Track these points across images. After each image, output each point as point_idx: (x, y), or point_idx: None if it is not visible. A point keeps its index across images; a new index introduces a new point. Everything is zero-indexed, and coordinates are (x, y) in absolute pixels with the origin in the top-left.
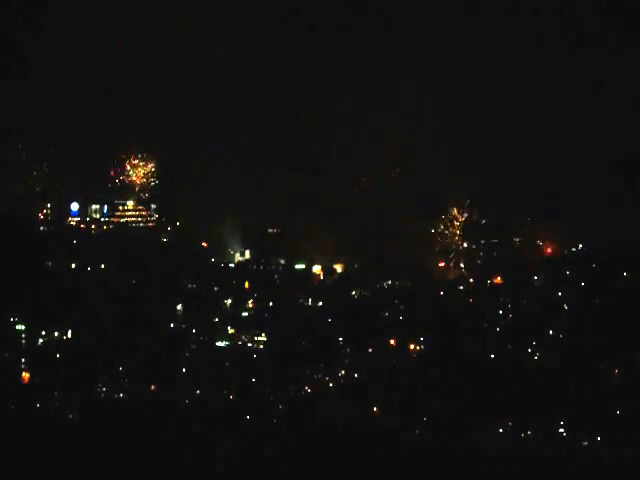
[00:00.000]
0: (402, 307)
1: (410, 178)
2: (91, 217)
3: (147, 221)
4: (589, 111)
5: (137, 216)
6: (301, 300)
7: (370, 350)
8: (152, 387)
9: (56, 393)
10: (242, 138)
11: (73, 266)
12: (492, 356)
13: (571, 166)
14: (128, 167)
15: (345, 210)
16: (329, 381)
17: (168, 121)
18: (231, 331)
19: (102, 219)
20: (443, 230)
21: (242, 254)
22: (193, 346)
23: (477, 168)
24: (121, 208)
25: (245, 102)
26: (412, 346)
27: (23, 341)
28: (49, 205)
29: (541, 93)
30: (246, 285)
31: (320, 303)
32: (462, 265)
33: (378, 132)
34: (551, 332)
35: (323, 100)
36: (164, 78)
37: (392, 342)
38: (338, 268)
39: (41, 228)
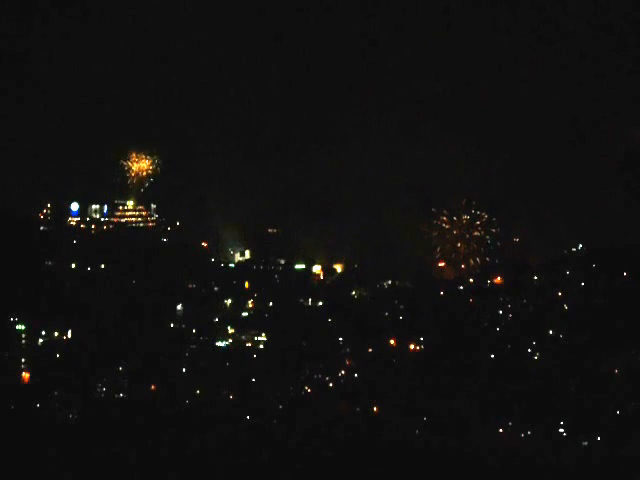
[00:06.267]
0: (402, 307)
1: (410, 178)
2: (91, 217)
3: (147, 221)
4: (589, 112)
5: (137, 216)
6: (301, 300)
7: (370, 350)
8: (152, 387)
9: (56, 393)
10: (242, 138)
11: (73, 266)
12: (492, 356)
13: (571, 167)
14: (128, 167)
15: (345, 210)
16: (329, 381)
17: (168, 121)
18: (231, 331)
19: (102, 219)
20: (443, 230)
21: (242, 254)
22: (193, 346)
23: (477, 169)
24: (121, 208)
25: (245, 103)
26: (412, 346)
27: (23, 341)
28: (49, 205)
29: (542, 94)
30: (246, 285)
31: (320, 303)
32: (462, 265)
33: (377, 132)
34: (551, 332)
35: (323, 101)
36: (164, 79)
37: (392, 342)
38: (338, 268)
39: (41, 228)
